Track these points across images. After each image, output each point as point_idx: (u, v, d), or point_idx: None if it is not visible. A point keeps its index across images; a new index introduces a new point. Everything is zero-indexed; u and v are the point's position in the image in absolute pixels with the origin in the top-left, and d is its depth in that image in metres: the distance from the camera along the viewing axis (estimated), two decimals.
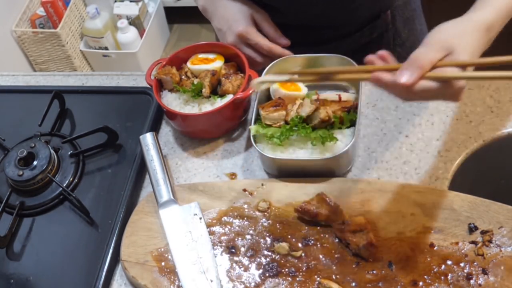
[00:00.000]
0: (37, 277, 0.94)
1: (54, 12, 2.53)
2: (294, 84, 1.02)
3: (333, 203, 0.88)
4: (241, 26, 1.04)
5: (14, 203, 1.02)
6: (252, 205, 0.93)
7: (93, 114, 1.17)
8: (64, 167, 1.06)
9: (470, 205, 0.86)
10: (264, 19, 1.07)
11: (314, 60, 1.04)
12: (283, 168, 0.96)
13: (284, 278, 0.84)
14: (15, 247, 0.98)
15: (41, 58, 2.61)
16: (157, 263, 0.89)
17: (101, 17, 2.59)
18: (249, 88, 0.99)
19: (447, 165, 0.95)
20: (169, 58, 1.08)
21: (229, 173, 1.01)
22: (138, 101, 1.15)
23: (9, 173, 1.03)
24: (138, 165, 1.04)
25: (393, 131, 1.01)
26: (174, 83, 1.04)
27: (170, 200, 0.94)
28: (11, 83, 1.28)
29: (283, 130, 0.94)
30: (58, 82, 1.25)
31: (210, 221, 0.93)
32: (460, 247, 0.83)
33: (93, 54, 2.69)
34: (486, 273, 0.80)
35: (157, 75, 1.05)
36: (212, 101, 1.03)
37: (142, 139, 1.01)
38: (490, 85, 1.04)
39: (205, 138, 1.07)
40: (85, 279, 0.92)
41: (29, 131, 1.11)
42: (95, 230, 0.98)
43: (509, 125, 0.98)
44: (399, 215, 0.87)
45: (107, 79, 1.23)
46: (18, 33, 2.51)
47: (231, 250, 0.89)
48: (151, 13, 2.78)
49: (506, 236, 0.83)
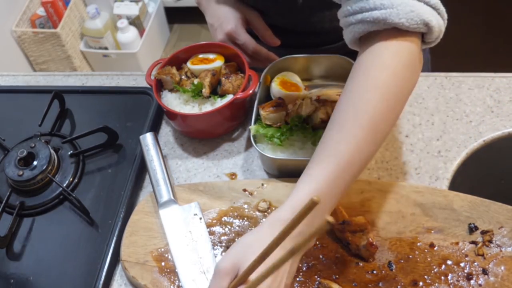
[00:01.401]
0: (37, 277, 0.94)
1: (54, 12, 2.53)
2: (294, 84, 1.02)
3: None
4: (230, 25, 1.06)
5: (14, 203, 1.02)
6: (252, 205, 0.93)
7: (93, 114, 1.17)
8: (64, 167, 1.06)
9: (470, 205, 0.86)
10: (256, 18, 1.08)
11: (314, 60, 1.04)
12: (283, 168, 0.96)
13: None
14: (15, 247, 0.98)
15: (41, 58, 2.60)
16: (157, 263, 0.89)
17: (101, 17, 2.59)
18: (249, 88, 0.99)
19: (447, 165, 0.95)
20: (169, 58, 1.08)
21: (229, 173, 1.01)
22: (138, 101, 1.15)
23: (9, 173, 1.03)
24: (138, 165, 1.04)
25: (393, 131, 1.01)
26: (174, 83, 1.05)
27: (170, 200, 0.94)
28: (11, 83, 1.28)
29: (283, 130, 0.94)
30: (58, 82, 1.25)
31: (210, 221, 0.93)
32: (460, 247, 0.83)
33: (93, 54, 2.69)
34: (486, 273, 0.80)
35: (157, 75, 1.05)
36: (212, 101, 1.03)
37: (142, 139, 1.01)
38: (490, 85, 1.04)
39: (205, 138, 1.07)
40: (85, 279, 0.92)
41: (29, 131, 1.11)
42: (95, 230, 0.98)
43: (509, 125, 0.98)
44: (399, 215, 0.87)
45: (107, 79, 1.23)
46: (18, 33, 2.51)
47: None
48: (151, 13, 2.78)
49: (506, 236, 0.83)
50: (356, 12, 0.76)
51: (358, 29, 0.77)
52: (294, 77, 1.03)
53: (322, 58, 1.03)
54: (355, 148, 0.72)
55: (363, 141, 0.73)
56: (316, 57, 1.03)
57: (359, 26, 0.77)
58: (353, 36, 0.79)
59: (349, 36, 0.80)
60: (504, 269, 0.80)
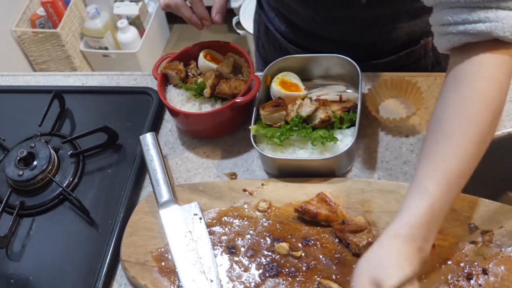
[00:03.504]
0: (37, 277, 0.94)
1: (54, 12, 2.53)
2: (294, 84, 1.02)
3: (333, 203, 0.88)
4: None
5: (14, 203, 1.02)
6: (252, 205, 0.93)
7: (93, 114, 1.17)
8: (64, 167, 1.06)
9: (470, 205, 0.86)
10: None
11: (314, 60, 1.04)
12: (283, 168, 0.96)
13: (284, 278, 0.84)
14: (15, 247, 0.98)
15: (41, 58, 2.60)
16: (157, 263, 0.89)
17: (101, 17, 2.59)
18: (250, 93, 0.98)
19: None
20: (179, 53, 1.07)
21: (229, 173, 1.01)
22: (138, 101, 1.15)
23: (9, 173, 1.03)
24: (138, 165, 1.04)
25: (393, 131, 1.01)
26: (178, 79, 1.04)
27: (170, 200, 0.94)
28: (11, 83, 1.28)
29: (283, 130, 0.94)
30: (58, 82, 1.25)
31: (210, 221, 0.93)
32: (460, 247, 0.83)
33: (93, 54, 2.69)
34: (486, 273, 0.80)
35: (163, 70, 1.05)
36: (213, 102, 1.03)
37: (142, 139, 1.01)
38: None
39: (205, 138, 1.07)
40: (85, 279, 0.92)
41: (29, 131, 1.11)
42: (95, 230, 0.98)
43: (509, 125, 0.98)
44: None
45: (107, 79, 1.23)
46: (18, 33, 2.51)
47: (231, 250, 0.89)
48: (151, 13, 2.78)
49: (506, 236, 0.83)
50: (458, 23, 0.75)
51: (459, 40, 0.76)
52: (294, 77, 1.03)
53: (322, 58, 1.03)
54: (465, 161, 0.74)
55: (471, 155, 0.74)
56: (316, 57, 1.03)
57: (459, 37, 0.76)
58: (451, 45, 0.78)
59: (446, 45, 0.79)
60: (504, 269, 0.80)
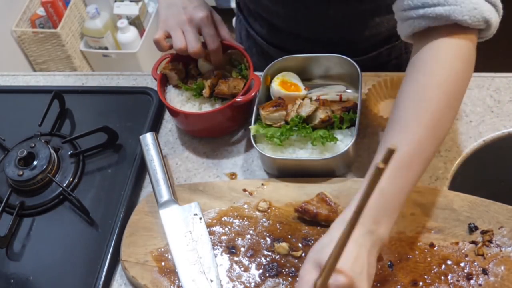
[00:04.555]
0: (37, 277, 0.94)
1: (54, 12, 2.53)
2: (294, 84, 1.02)
3: (333, 203, 0.88)
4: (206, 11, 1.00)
5: (14, 203, 1.02)
6: (252, 205, 0.93)
7: (93, 114, 1.17)
8: (64, 167, 1.06)
9: (470, 205, 0.86)
10: (221, 20, 1.05)
11: (314, 60, 1.04)
12: (283, 168, 0.96)
13: (284, 278, 0.84)
14: (15, 247, 0.98)
15: (41, 58, 2.60)
16: (157, 263, 0.89)
17: (101, 17, 2.58)
18: (250, 93, 0.98)
19: (447, 165, 0.95)
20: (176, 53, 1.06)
21: (229, 173, 1.01)
22: (138, 101, 1.15)
23: (9, 173, 1.03)
24: (138, 165, 1.04)
25: None
26: (178, 80, 1.04)
27: (170, 200, 0.94)
28: (11, 83, 1.28)
29: (283, 130, 0.94)
30: (58, 82, 1.25)
31: (210, 221, 0.93)
32: (460, 247, 0.83)
33: (93, 54, 2.69)
34: (486, 273, 0.80)
35: (163, 70, 1.05)
36: (213, 102, 1.03)
37: (142, 139, 1.01)
38: (490, 85, 1.04)
39: (205, 138, 1.07)
40: (85, 279, 0.92)
41: (29, 131, 1.11)
42: (95, 230, 0.98)
43: (509, 125, 0.98)
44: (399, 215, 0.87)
45: (107, 79, 1.23)
46: (18, 33, 2.51)
47: (231, 250, 0.89)
48: (151, 13, 2.77)
49: (506, 236, 0.83)
50: (418, 7, 0.76)
51: (419, 24, 0.76)
52: (294, 77, 1.03)
53: (322, 58, 1.03)
54: (417, 147, 0.73)
55: (426, 138, 0.74)
56: (316, 57, 1.03)
57: (419, 21, 0.76)
58: (412, 31, 0.78)
59: (407, 30, 0.79)
60: (504, 269, 0.80)
